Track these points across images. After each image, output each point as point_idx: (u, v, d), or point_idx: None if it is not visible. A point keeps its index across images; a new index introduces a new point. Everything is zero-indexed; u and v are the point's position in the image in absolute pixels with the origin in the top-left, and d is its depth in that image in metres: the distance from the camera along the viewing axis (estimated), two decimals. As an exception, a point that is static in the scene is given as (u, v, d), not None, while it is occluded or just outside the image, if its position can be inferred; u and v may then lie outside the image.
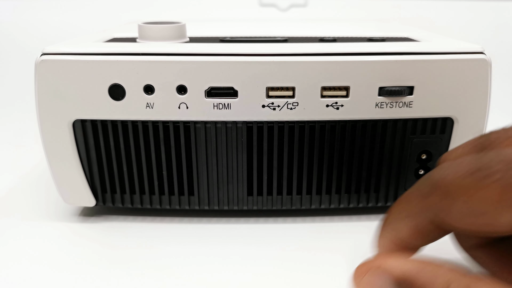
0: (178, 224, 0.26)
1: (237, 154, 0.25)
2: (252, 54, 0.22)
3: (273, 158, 0.25)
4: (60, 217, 0.27)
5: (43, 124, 0.23)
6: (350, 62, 0.22)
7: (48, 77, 0.22)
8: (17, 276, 0.22)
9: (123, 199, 0.26)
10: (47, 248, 0.24)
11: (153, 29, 0.24)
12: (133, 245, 0.24)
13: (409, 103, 0.23)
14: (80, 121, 0.24)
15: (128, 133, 0.24)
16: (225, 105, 0.23)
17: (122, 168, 0.25)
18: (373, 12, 0.63)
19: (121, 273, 0.22)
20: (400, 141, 0.25)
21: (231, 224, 0.26)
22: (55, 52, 0.22)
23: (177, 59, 0.22)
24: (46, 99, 0.23)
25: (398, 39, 0.27)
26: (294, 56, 0.22)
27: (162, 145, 0.24)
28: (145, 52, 0.22)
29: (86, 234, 0.25)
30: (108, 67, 0.22)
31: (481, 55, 0.23)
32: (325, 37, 0.27)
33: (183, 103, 0.23)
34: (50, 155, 0.24)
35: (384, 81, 0.23)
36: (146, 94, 0.23)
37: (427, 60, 0.22)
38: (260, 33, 0.29)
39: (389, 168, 0.25)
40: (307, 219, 0.27)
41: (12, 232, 0.25)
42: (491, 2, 0.64)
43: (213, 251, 0.24)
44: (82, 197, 0.26)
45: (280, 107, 0.23)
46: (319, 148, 0.25)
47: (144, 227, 0.26)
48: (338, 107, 0.23)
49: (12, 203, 0.29)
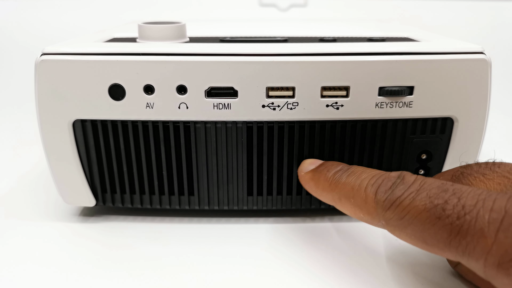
0: (178, 224, 0.26)
1: (237, 154, 0.25)
2: (252, 54, 0.22)
3: (273, 158, 0.25)
4: (60, 217, 0.27)
5: (43, 124, 0.23)
6: (350, 62, 0.22)
7: (48, 77, 0.22)
8: (17, 276, 0.22)
9: (123, 199, 0.26)
10: (47, 248, 0.24)
11: (153, 29, 0.24)
12: (133, 245, 0.24)
13: (409, 103, 0.23)
14: (80, 121, 0.24)
15: (128, 133, 0.24)
16: (225, 105, 0.23)
17: (122, 168, 0.25)
18: (373, 12, 0.63)
19: (121, 273, 0.22)
20: (400, 141, 0.25)
21: (231, 224, 0.26)
22: (55, 52, 0.22)
23: (177, 59, 0.22)
24: (46, 99, 0.23)
25: (398, 39, 0.27)
26: (294, 56, 0.22)
27: (162, 145, 0.24)
28: (145, 52, 0.22)
29: (86, 234, 0.25)
30: (108, 67, 0.22)
31: (481, 55, 0.23)
32: (325, 37, 0.27)
33: (183, 103, 0.23)
34: (50, 155, 0.24)
35: (384, 81, 0.23)
36: (146, 94, 0.23)
37: (427, 60, 0.22)
38: (260, 33, 0.29)
39: (389, 168, 0.25)
40: (307, 219, 0.27)
41: (12, 232, 0.25)
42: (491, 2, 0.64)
43: (213, 251, 0.24)
44: (82, 197, 0.26)
45: (280, 107, 0.23)
46: (319, 148, 0.25)
47: (144, 227, 0.26)
48: (338, 107, 0.23)
49: (12, 203, 0.29)
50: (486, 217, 0.15)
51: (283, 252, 0.24)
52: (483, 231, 0.14)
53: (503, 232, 0.14)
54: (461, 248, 0.15)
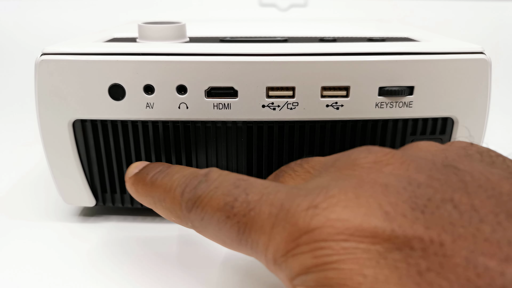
0: (178, 224, 0.26)
1: (237, 154, 0.25)
2: (252, 54, 0.22)
3: (273, 158, 0.25)
4: (60, 217, 0.27)
5: (43, 124, 0.23)
6: (350, 62, 0.22)
7: (48, 77, 0.22)
8: (17, 276, 0.22)
9: (123, 199, 0.26)
10: (47, 248, 0.24)
11: (153, 29, 0.24)
12: (133, 245, 0.24)
13: (409, 103, 0.23)
14: (80, 121, 0.24)
15: (128, 133, 0.24)
16: (225, 105, 0.23)
17: (122, 168, 0.25)
18: (373, 12, 0.63)
19: (121, 273, 0.22)
20: (400, 141, 0.25)
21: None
22: (55, 52, 0.22)
23: (177, 59, 0.22)
24: (46, 99, 0.23)
25: (398, 39, 0.27)
26: (294, 56, 0.22)
27: (162, 145, 0.24)
28: (145, 52, 0.22)
29: (86, 234, 0.25)
30: (108, 67, 0.22)
31: (481, 55, 0.23)
32: (325, 37, 0.27)
33: (183, 103, 0.23)
34: (50, 155, 0.24)
35: (384, 81, 0.23)
36: (146, 94, 0.23)
37: (427, 60, 0.22)
38: (260, 33, 0.29)
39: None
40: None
41: (12, 232, 0.25)
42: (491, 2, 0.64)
43: (213, 251, 0.24)
44: (82, 197, 0.26)
45: (280, 107, 0.23)
46: (319, 148, 0.24)
47: (144, 227, 0.26)
48: (338, 107, 0.23)
49: (12, 203, 0.29)
50: (266, 212, 0.14)
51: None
52: (262, 228, 0.14)
53: (276, 228, 0.14)
54: (249, 246, 0.15)
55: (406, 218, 0.12)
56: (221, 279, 0.21)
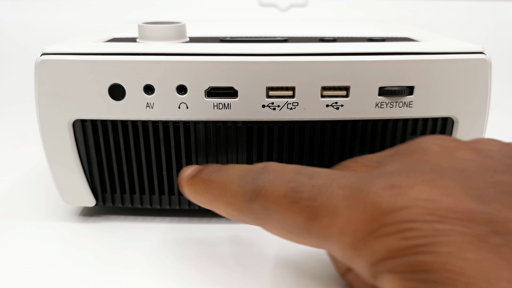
0: (178, 224, 0.26)
1: (237, 154, 0.25)
2: (252, 54, 0.22)
3: (273, 158, 0.25)
4: (60, 217, 0.27)
5: (43, 124, 0.23)
6: (350, 62, 0.22)
7: (48, 77, 0.22)
8: (17, 276, 0.22)
9: (123, 199, 0.26)
10: (47, 248, 0.24)
11: (153, 29, 0.24)
12: (133, 245, 0.24)
13: (409, 103, 0.23)
14: (80, 121, 0.24)
15: (128, 133, 0.24)
16: (225, 105, 0.23)
17: (122, 168, 0.25)
18: (373, 12, 0.63)
19: (121, 273, 0.22)
20: (400, 141, 0.25)
21: (231, 224, 0.26)
22: (55, 52, 0.22)
23: (177, 59, 0.22)
24: (46, 99, 0.23)
25: (398, 39, 0.27)
26: (294, 56, 0.22)
27: (162, 145, 0.24)
28: (145, 52, 0.22)
29: (86, 234, 0.25)
30: (108, 67, 0.22)
31: (481, 55, 0.23)
32: (325, 37, 0.27)
33: (183, 103, 0.23)
34: (50, 155, 0.24)
35: (384, 81, 0.23)
36: (146, 94, 0.23)
37: (427, 60, 0.22)
38: (260, 33, 0.29)
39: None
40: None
41: (12, 232, 0.25)
42: (491, 2, 0.64)
43: (214, 251, 0.24)
44: (82, 197, 0.26)
45: (280, 107, 0.23)
46: (319, 148, 0.24)
47: (144, 227, 0.26)
48: (338, 107, 0.23)
49: (12, 203, 0.29)
50: (340, 194, 0.14)
51: (284, 252, 0.24)
52: (337, 211, 0.13)
53: (353, 209, 0.13)
54: (321, 232, 0.14)
55: (499, 202, 0.12)
56: (222, 279, 0.21)
